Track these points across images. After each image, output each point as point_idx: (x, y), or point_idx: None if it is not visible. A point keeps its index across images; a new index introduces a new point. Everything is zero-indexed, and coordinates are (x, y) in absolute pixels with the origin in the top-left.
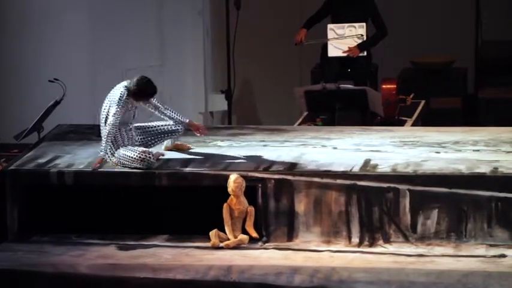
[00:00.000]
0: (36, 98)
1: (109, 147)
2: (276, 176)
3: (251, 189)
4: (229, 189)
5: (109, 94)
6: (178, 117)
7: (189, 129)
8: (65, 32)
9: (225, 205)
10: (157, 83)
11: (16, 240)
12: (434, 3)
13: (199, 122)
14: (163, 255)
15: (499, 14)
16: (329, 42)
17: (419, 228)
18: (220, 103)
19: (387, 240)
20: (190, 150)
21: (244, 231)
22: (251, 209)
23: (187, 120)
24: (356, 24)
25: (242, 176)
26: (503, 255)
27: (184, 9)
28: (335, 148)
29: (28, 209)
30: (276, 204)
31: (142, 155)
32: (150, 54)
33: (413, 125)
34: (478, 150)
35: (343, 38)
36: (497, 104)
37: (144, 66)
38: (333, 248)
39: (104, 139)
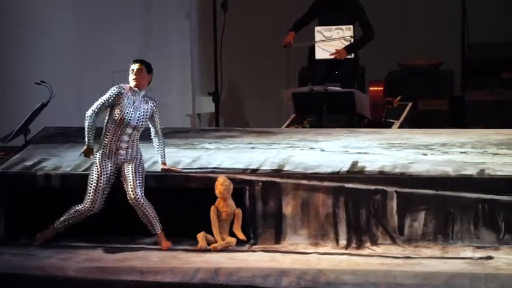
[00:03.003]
0: (22, 101)
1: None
2: (264, 179)
3: (239, 192)
4: (217, 192)
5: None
6: (161, 155)
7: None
8: (52, 35)
9: (212, 207)
10: None
11: (3, 243)
12: (421, 5)
13: (186, 124)
14: (151, 258)
15: (485, 16)
16: (316, 45)
17: (406, 230)
18: (207, 105)
19: (374, 242)
20: (178, 153)
21: (232, 234)
22: (238, 211)
23: (163, 166)
24: (343, 27)
25: (230, 179)
26: (490, 257)
27: (171, 11)
28: (323, 150)
29: (15, 211)
30: (264, 207)
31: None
32: (137, 57)
33: (400, 127)
34: (465, 152)
35: (330, 41)
36: (484, 106)
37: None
38: (320, 250)
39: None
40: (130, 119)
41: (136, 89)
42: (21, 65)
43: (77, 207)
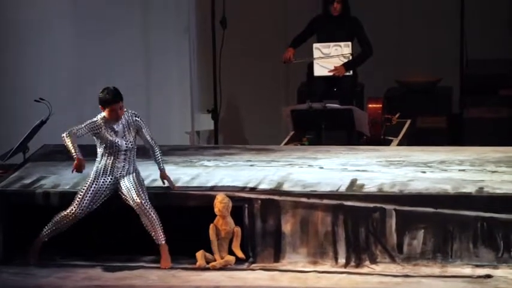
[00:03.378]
0: (21, 118)
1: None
2: (263, 196)
3: (238, 210)
4: (216, 210)
5: None
6: (158, 163)
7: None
8: (51, 51)
9: (211, 226)
10: (143, 102)
11: (1, 262)
12: (420, 22)
13: (185, 141)
14: (150, 276)
15: (483, 33)
16: (315, 62)
17: (405, 248)
18: (206, 122)
19: (374, 260)
20: (176, 170)
21: (231, 252)
22: (238, 229)
23: (161, 172)
24: (342, 44)
25: (229, 196)
26: (489, 276)
27: (171, 28)
28: (321, 168)
29: (13, 230)
30: (263, 225)
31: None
32: (136, 73)
33: (399, 144)
34: (463, 170)
35: (329, 57)
36: (482, 124)
37: (130, 86)
38: (319, 268)
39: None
40: (118, 146)
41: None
42: (20, 82)
43: (61, 213)
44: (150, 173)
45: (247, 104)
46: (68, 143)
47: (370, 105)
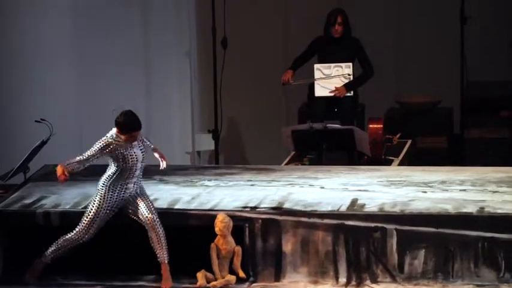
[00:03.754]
0: (22, 139)
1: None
2: (263, 216)
3: (238, 229)
4: (217, 229)
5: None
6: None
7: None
8: (52, 72)
9: (212, 245)
10: (144, 122)
11: (1, 282)
12: (420, 43)
13: (186, 161)
14: None
15: (483, 54)
16: (316, 82)
17: (406, 268)
18: (207, 143)
19: (374, 280)
20: (177, 190)
21: (232, 272)
22: (238, 248)
23: (153, 146)
24: (343, 64)
25: (229, 216)
26: None
27: (171, 49)
28: (322, 188)
29: (14, 249)
30: (263, 244)
31: None
32: (137, 94)
33: (400, 164)
34: (464, 190)
35: (329, 78)
36: (483, 144)
37: (131, 106)
38: None
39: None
40: (136, 159)
41: None
42: (21, 102)
43: (67, 236)
44: (151, 192)
45: (247, 124)
46: (74, 161)
47: (371, 126)
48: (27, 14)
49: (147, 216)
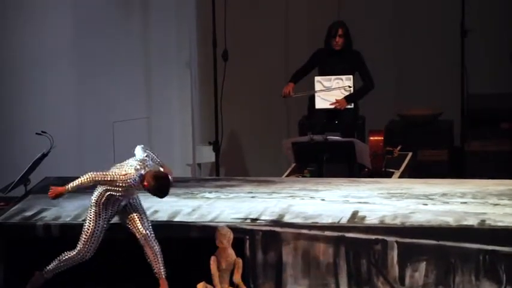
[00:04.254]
0: (23, 151)
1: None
2: (264, 228)
3: (239, 241)
4: (217, 241)
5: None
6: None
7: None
8: (53, 85)
9: (212, 257)
10: (144, 134)
11: None
12: (421, 56)
13: (187, 174)
14: None
15: (483, 67)
16: (316, 94)
17: (407, 280)
18: (208, 155)
19: None
20: (178, 202)
21: (232, 284)
22: (239, 261)
23: (160, 163)
24: (343, 77)
25: (230, 228)
26: None
27: (172, 61)
28: (323, 200)
29: (14, 262)
30: (264, 256)
31: None
32: (137, 106)
33: (400, 176)
34: (465, 203)
35: (330, 90)
36: (484, 157)
37: (131, 119)
38: None
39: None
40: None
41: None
42: (21, 115)
43: (69, 255)
44: (151, 204)
45: (248, 136)
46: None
47: (371, 138)
48: (28, 25)
49: (141, 233)
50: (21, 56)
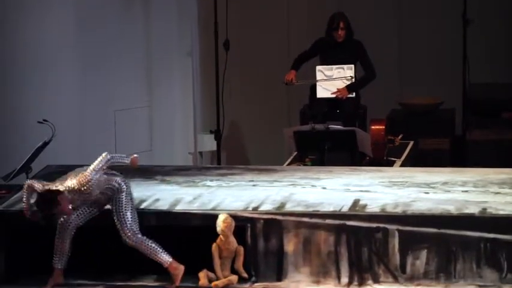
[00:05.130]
0: (24, 139)
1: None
2: (265, 216)
3: (240, 229)
4: (219, 229)
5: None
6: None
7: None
8: (54, 73)
9: (214, 245)
10: (146, 123)
11: (3, 282)
12: (422, 45)
13: (188, 162)
14: None
15: (485, 56)
16: (318, 84)
17: (408, 268)
18: (209, 143)
19: (376, 280)
20: (179, 190)
21: (234, 271)
22: (240, 248)
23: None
24: (344, 66)
25: (231, 216)
26: None
27: (173, 50)
28: (324, 188)
29: (16, 250)
30: (265, 244)
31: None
32: (139, 95)
33: (402, 165)
34: (466, 191)
35: (332, 80)
36: (485, 146)
37: (132, 107)
38: None
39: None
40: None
41: None
42: (23, 103)
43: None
44: (153, 192)
45: (249, 125)
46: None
47: (373, 127)
48: (31, 11)
49: (123, 239)
50: (22, 45)
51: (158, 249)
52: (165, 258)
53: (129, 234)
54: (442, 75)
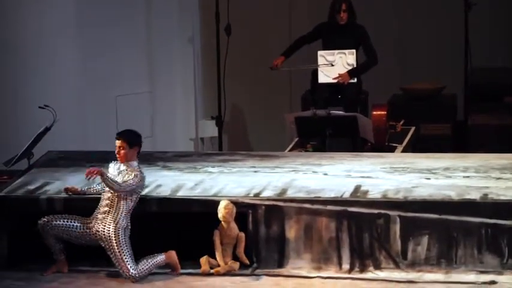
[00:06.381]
0: (26, 125)
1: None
2: (267, 202)
3: (242, 216)
4: (220, 216)
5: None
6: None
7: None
8: (56, 58)
9: (215, 231)
10: (147, 109)
11: (5, 267)
12: (424, 29)
13: (190, 148)
14: (154, 282)
15: (487, 40)
16: (319, 69)
17: (409, 254)
18: (210, 129)
19: (378, 266)
20: (180, 176)
21: (235, 258)
22: (242, 235)
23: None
24: (346, 51)
25: (233, 202)
26: (494, 282)
27: (175, 36)
28: (326, 174)
29: (18, 235)
30: (267, 231)
31: None
32: (140, 81)
33: (403, 151)
34: (468, 177)
35: (327, 66)
36: (487, 131)
37: (134, 93)
38: (323, 274)
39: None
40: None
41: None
42: (24, 89)
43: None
44: (154, 178)
45: (251, 111)
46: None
47: (374, 113)
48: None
49: (126, 278)
50: (24, 30)
51: (151, 260)
52: (160, 259)
53: (130, 272)
54: (444, 60)
